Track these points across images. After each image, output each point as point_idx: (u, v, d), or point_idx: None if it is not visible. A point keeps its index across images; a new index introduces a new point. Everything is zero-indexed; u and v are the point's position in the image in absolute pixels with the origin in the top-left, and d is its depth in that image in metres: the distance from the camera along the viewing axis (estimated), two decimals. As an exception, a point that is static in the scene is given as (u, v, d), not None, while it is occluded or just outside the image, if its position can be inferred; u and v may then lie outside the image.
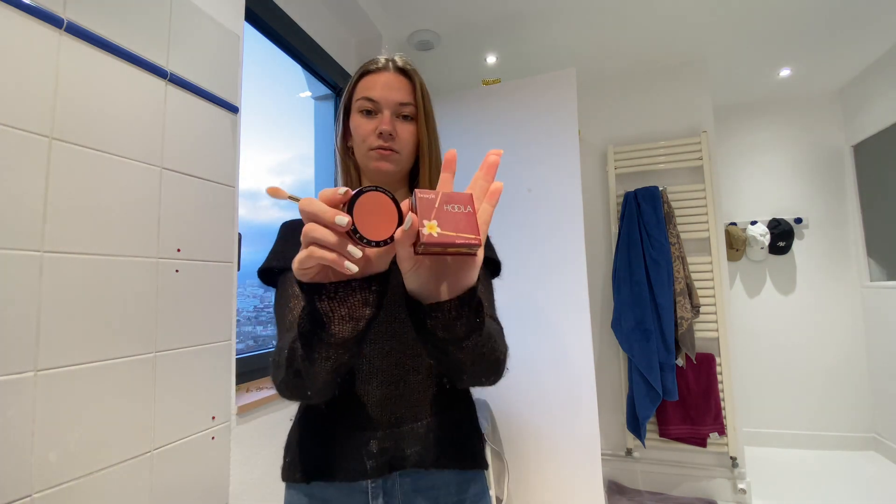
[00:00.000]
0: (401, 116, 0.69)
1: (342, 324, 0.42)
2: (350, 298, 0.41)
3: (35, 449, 0.67)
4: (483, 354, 0.50)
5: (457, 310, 0.43)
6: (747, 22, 2.11)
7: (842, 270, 2.83)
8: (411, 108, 0.69)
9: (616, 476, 2.41)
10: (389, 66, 0.70)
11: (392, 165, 0.69)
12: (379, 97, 0.68)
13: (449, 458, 0.66)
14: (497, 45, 2.29)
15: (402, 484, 0.64)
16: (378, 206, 0.38)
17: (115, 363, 0.81)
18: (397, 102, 0.68)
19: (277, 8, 1.51)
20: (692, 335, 2.21)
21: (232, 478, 1.07)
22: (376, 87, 0.69)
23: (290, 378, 0.50)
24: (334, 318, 0.42)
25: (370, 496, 0.63)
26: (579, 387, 1.77)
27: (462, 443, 0.68)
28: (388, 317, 0.66)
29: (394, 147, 0.68)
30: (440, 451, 0.65)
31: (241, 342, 1.44)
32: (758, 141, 3.02)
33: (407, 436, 0.64)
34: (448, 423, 0.67)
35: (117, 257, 0.82)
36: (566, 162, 1.89)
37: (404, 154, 0.70)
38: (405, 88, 0.70)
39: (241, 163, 1.17)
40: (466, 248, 0.37)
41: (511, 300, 1.88)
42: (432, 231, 0.36)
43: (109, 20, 0.83)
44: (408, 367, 0.66)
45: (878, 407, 2.66)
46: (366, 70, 0.71)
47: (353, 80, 0.72)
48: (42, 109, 0.71)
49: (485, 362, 0.51)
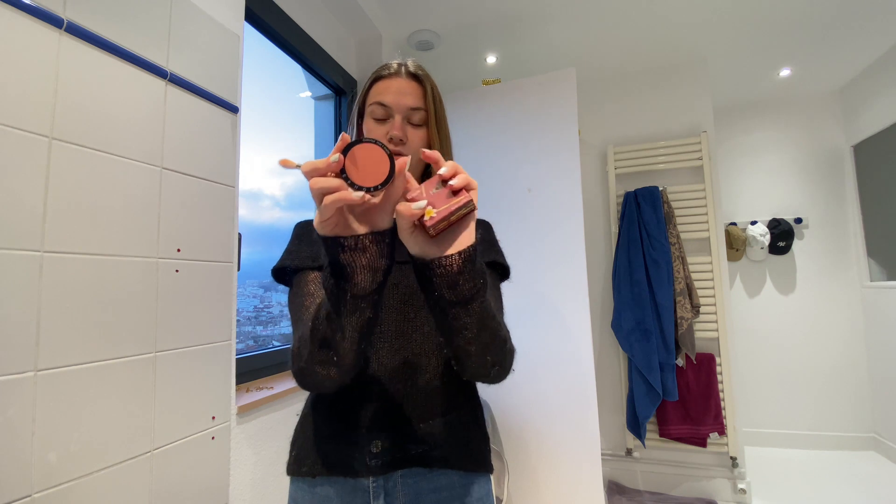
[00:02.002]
0: (412, 122, 0.70)
1: (364, 273, 0.46)
2: (369, 249, 0.46)
3: (35, 449, 0.67)
4: (488, 326, 0.53)
5: (458, 265, 0.47)
6: (747, 22, 2.11)
7: (842, 270, 2.83)
8: (422, 114, 0.70)
9: (616, 476, 2.41)
10: (402, 71, 0.71)
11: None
12: (390, 102, 0.69)
13: (453, 460, 0.66)
14: (497, 45, 2.29)
15: (403, 485, 0.65)
16: (370, 156, 0.43)
17: (115, 363, 0.81)
18: (408, 107, 0.69)
19: (277, 8, 1.51)
20: (692, 335, 2.21)
21: (232, 478, 1.07)
22: (388, 92, 0.69)
23: (315, 352, 0.52)
24: (357, 268, 0.46)
25: (371, 495, 0.64)
26: (579, 387, 1.77)
27: (467, 444, 0.68)
28: (398, 316, 0.67)
29: (404, 152, 0.68)
30: (445, 451, 0.65)
31: (241, 342, 1.44)
32: (758, 141, 3.02)
33: (412, 435, 0.64)
34: (454, 424, 0.67)
35: (117, 257, 0.82)
36: (566, 162, 1.88)
37: (415, 159, 0.70)
38: (416, 93, 0.70)
39: (241, 163, 1.17)
40: (464, 207, 0.44)
41: (511, 300, 1.88)
42: (430, 214, 0.44)
43: (109, 20, 0.83)
44: (415, 367, 0.66)
45: (877, 407, 2.66)
46: (378, 75, 0.72)
47: (365, 86, 0.73)
48: (42, 109, 0.71)
49: (489, 334, 0.54)
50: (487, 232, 0.80)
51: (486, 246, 0.76)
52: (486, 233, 0.79)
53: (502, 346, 0.57)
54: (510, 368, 0.60)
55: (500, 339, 0.56)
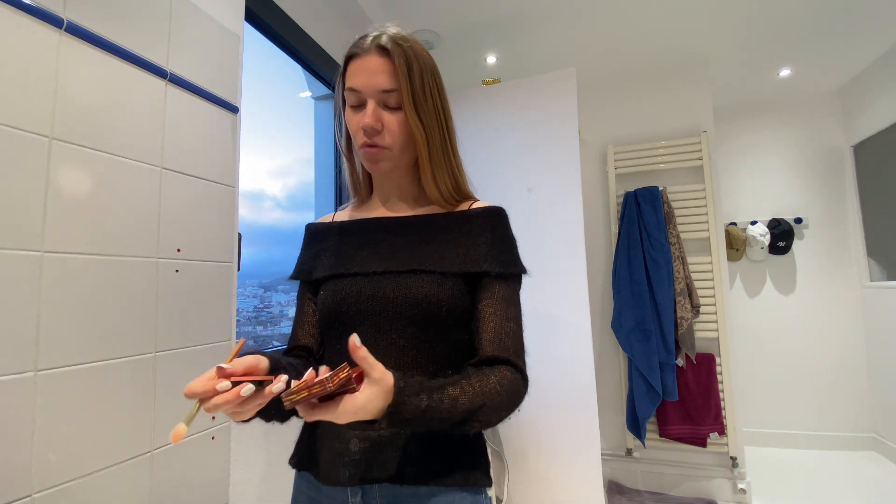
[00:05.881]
0: (389, 105, 0.62)
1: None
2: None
3: (35, 449, 0.67)
4: (489, 415, 0.55)
5: (389, 425, 0.49)
6: (747, 22, 2.11)
7: (842, 270, 2.82)
8: (396, 95, 0.61)
9: (616, 476, 2.41)
10: (372, 46, 0.61)
11: (386, 164, 0.65)
12: (361, 86, 0.61)
13: (433, 476, 0.60)
14: (497, 45, 2.29)
15: (381, 495, 0.61)
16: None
17: (115, 363, 0.81)
18: (380, 90, 0.60)
19: (277, 8, 1.51)
20: (692, 335, 2.21)
21: (232, 478, 1.07)
22: (358, 73, 0.61)
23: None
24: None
25: (349, 494, 0.62)
26: (579, 387, 1.77)
27: (450, 457, 0.62)
28: (371, 329, 0.62)
29: (382, 143, 0.62)
30: (422, 465, 0.60)
31: (241, 342, 1.43)
32: (758, 141, 3.02)
33: (386, 446, 0.60)
34: (434, 435, 0.61)
35: (117, 257, 0.82)
36: (566, 162, 1.88)
37: (397, 148, 0.63)
38: (388, 71, 0.60)
39: (242, 163, 1.17)
40: (317, 385, 0.43)
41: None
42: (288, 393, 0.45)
43: (109, 20, 0.83)
44: None
45: (877, 407, 2.66)
46: (350, 54, 0.63)
47: (341, 68, 0.66)
48: (42, 109, 0.71)
49: (496, 415, 0.57)
50: (497, 229, 0.68)
51: (494, 251, 0.65)
52: (495, 231, 0.67)
53: (511, 406, 0.59)
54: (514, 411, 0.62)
55: (509, 406, 0.59)
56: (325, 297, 0.67)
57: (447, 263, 0.64)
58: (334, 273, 0.68)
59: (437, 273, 0.63)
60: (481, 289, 0.65)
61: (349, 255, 0.69)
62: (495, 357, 0.61)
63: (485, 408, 0.54)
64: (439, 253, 0.65)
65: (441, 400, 0.51)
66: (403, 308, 0.62)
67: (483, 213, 0.69)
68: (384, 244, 0.68)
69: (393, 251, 0.67)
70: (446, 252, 0.65)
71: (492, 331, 0.62)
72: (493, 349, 0.61)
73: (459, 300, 0.63)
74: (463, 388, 0.54)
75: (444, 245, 0.66)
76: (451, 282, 0.63)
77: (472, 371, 0.59)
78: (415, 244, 0.67)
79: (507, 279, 0.66)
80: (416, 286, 0.62)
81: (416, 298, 0.62)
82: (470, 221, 0.68)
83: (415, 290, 0.62)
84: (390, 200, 0.74)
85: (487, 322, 0.63)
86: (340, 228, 0.74)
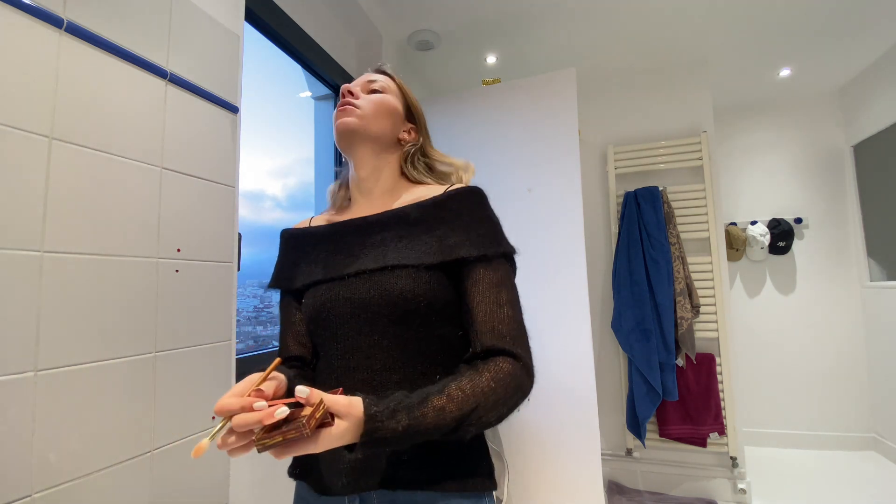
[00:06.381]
0: (370, 91, 0.75)
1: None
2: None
3: (35, 449, 0.67)
4: (486, 415, 0.54)
5: (369, 449, 0.48)
6: (747, 22, 2.10)
7: (842, 270, 2.82)
8: (380, 84, 0.75)
9: (616, 476, 2.41)
10: (369, 70, 0.81)
11: (353, 120, 0.70)
12: (353, 83, 0.76)
13: (428, 480, 0.59)
14: (497, 45, 2.29)
15: (379, 502, 0.60)
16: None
17: (115, 363, 0.81)
18: (366, 80, 0.76)
19: (277, 8, 1.51)
20: (692, 335, 2.21)
21: (232, 478, 1.07)
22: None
23: None
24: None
25: (347, 502, 0.62)
26: (579, 387, 1.77)
27: (448, 462, 0.60)
28: (351, 331, 0.62)
29: (354, 102, 0.71)
30: (419, 471, 0.59)
31: (241, 342, 1.44)
32: (758, 141, 3.02)
33: (383, 452, 0.58)
34: (430, 441, 0.58)
35: (117, 257, 0.82)
36: (566, 162, 1.88)
37: (367, 110, 0.71)
38: (380, 78, 0.78)
39: (242, 163, 1.17)
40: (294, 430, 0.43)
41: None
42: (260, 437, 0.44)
43: (109, 20, 0.83)
44: (376, 385, 0.60)
45: (877, 407, 2.66)
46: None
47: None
48: (42, 109, 0.71)
49: (495, 414, 0.55)
50: (473, 210, 0.65)
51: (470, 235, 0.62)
52: (472, 213, 0.65)
53: (511, 402, 0.57)
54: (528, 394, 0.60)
55: (508, 402, 0.56)
56: (307, 305, 0.68)
57: (421, 255, 0.62)
58: (314, 280, 0.69)
59: (411, 267, 0.61)
60: (464, 277, 0.62)
61: (325, 261, 0.70)
62: (490, 348, 0.58)
63: (478, 410, 0.52)
64: (413, 246, 0.64)
65: (424, 415, 0.49)
66: (380, 307, 0.61)
67: (455, 196, 0.66)
68: (357, 245, 0.68)
69: (366, 251, 0.67)
70: (420, 244, 0.63)
71: (482, 320, 0.59)
72: (487, 340, 0.58)
73: (439, 293, 0.61)
74: (450, 394, 0.51)
75: (418, 237, 0.65)
76: (427, 275, 0.61)
77: (465, 370, 0.56)
78: (388, 241, 0.66)
79: (491, 262, 0.62)
80: (391, 283, 0.61)
81: (391, 296, 0.60)
82: (443, 207, 0.66)
83: (389, 287, 0.60)
84: (366, 202, 0.74)
85: (476, 311, 0.60)
86: (316, 234, 0.75)
